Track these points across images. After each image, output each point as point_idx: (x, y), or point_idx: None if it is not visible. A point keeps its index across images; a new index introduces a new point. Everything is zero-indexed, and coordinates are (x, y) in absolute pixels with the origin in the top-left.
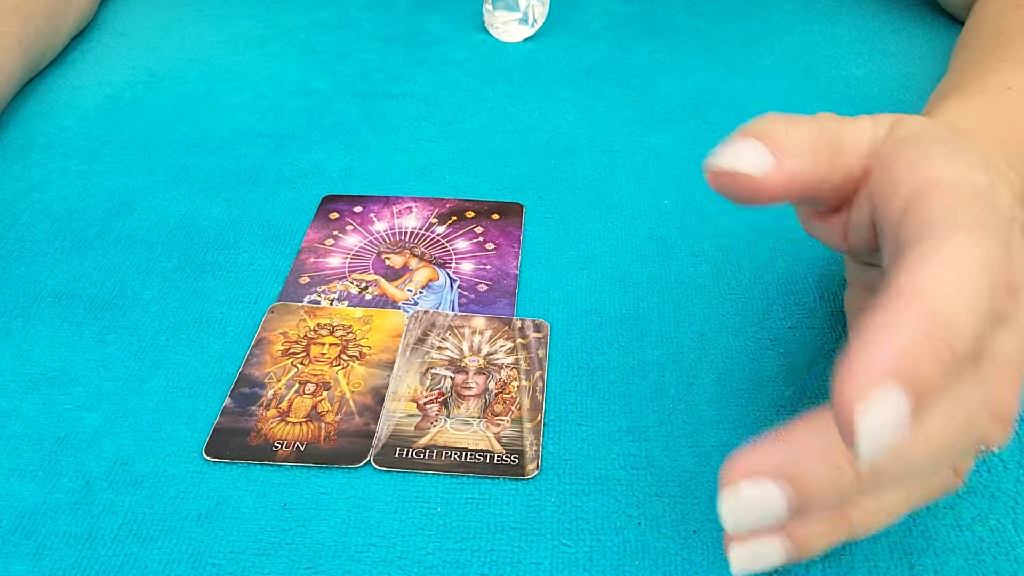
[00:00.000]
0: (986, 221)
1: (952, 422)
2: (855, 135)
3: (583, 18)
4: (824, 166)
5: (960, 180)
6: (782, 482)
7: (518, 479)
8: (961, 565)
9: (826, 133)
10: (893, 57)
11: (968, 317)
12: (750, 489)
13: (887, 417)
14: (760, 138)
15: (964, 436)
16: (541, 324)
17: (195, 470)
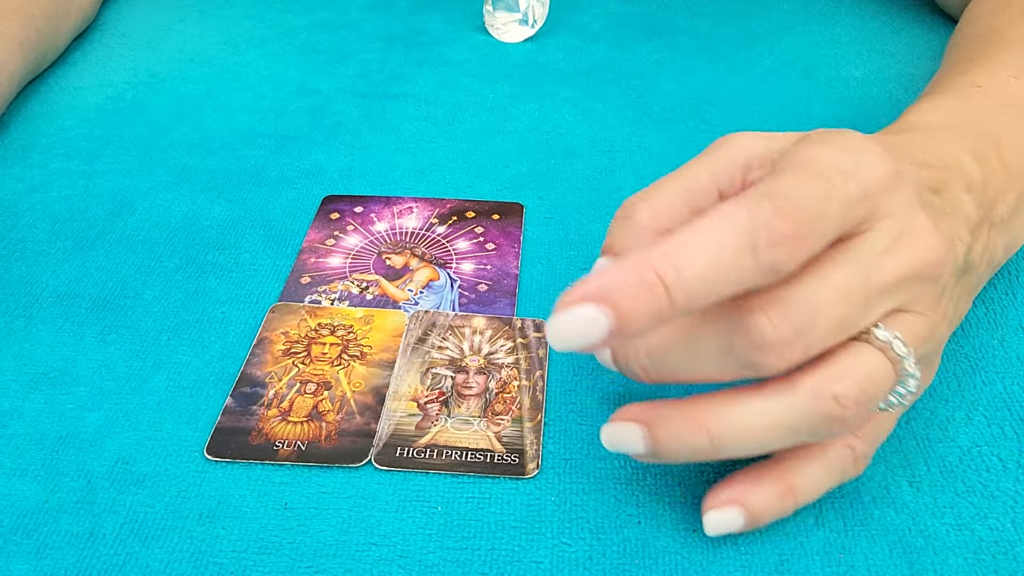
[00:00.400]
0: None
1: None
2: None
3: (583, 19)
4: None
5: (809, 159)
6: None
7: (518, 478)
8: (960, 564)
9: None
10: (892, 58)
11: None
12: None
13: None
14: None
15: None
16: (541, 324)
17: (196, 469)
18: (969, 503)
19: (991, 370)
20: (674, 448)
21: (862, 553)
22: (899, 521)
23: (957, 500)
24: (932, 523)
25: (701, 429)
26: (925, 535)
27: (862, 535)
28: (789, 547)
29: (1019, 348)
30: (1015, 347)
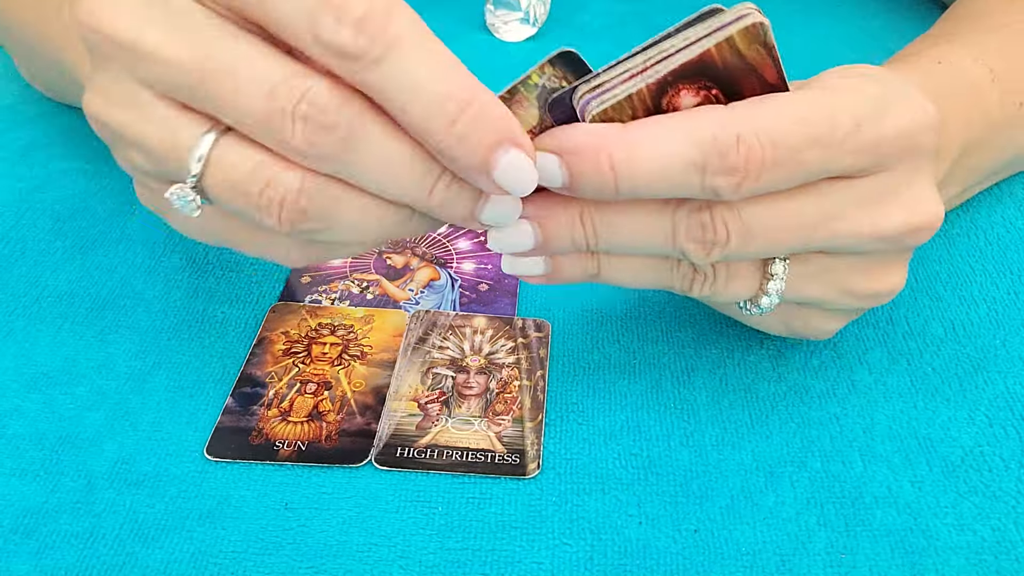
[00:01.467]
0: (770, 129)
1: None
2: None
3: (584, 18)
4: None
5: (835, 88)
6: (534, 224)
7: (519, 478)
8: (962, 564)
9: None
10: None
11: (644, 171)
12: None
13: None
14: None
15: (661, 237)
16: (542, 324)
17: (196, 469)
18: (971, 503)
19: (993, 370)
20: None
21: (864, 553)
22: (901, 521)
23: (959, 500)
24: (934, 523)
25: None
26: (927, 535)
27: (864, 535)
28: (791, 547)
29: (1021, 348)
30: (1017, 347)
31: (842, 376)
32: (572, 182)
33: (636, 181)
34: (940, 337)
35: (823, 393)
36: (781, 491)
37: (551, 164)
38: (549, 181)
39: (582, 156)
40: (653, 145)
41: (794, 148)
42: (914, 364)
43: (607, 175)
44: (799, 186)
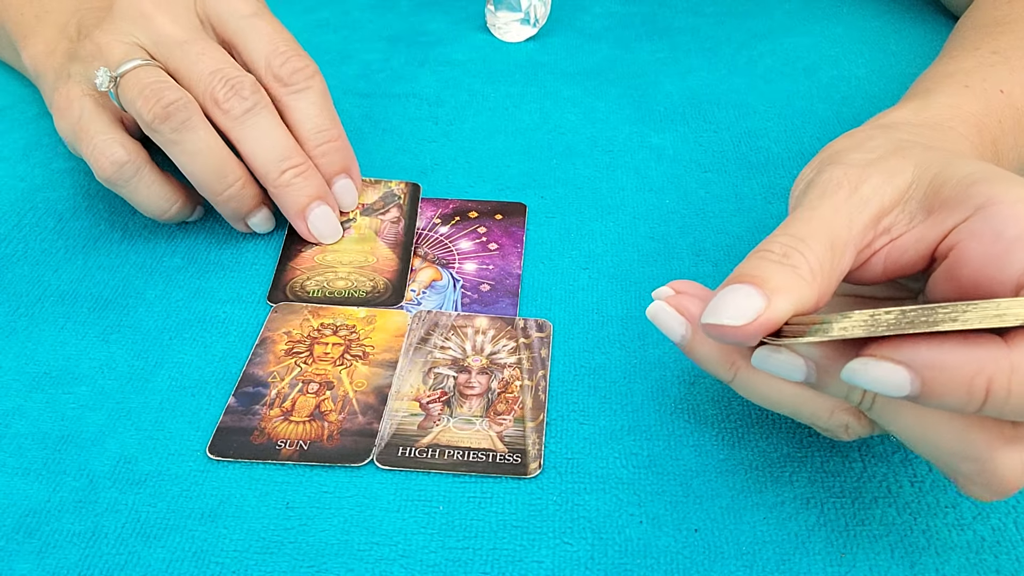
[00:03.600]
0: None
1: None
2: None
3: (584, 18)
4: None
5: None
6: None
7: (520, 478)
8: (962, 564)
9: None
10: (894, 57)
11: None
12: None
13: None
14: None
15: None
16: (544, 324)
17: (198, 469)
18: (971, 503)
19: None
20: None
21: (864, 552)
22: (901, 520)
23: (959, 499)
24: (934, 522)
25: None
26: (927, 535)
27: (864, 534)
28: (791, 546)
29: None
30: None
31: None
32: (922, 398)
33: (1008, 410)
34: None
35: None
36: (781, 490)
37: (898, 378)
38: (885, 391)
39: (950, 375)
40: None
41: None
42: None
43: (977, 398)
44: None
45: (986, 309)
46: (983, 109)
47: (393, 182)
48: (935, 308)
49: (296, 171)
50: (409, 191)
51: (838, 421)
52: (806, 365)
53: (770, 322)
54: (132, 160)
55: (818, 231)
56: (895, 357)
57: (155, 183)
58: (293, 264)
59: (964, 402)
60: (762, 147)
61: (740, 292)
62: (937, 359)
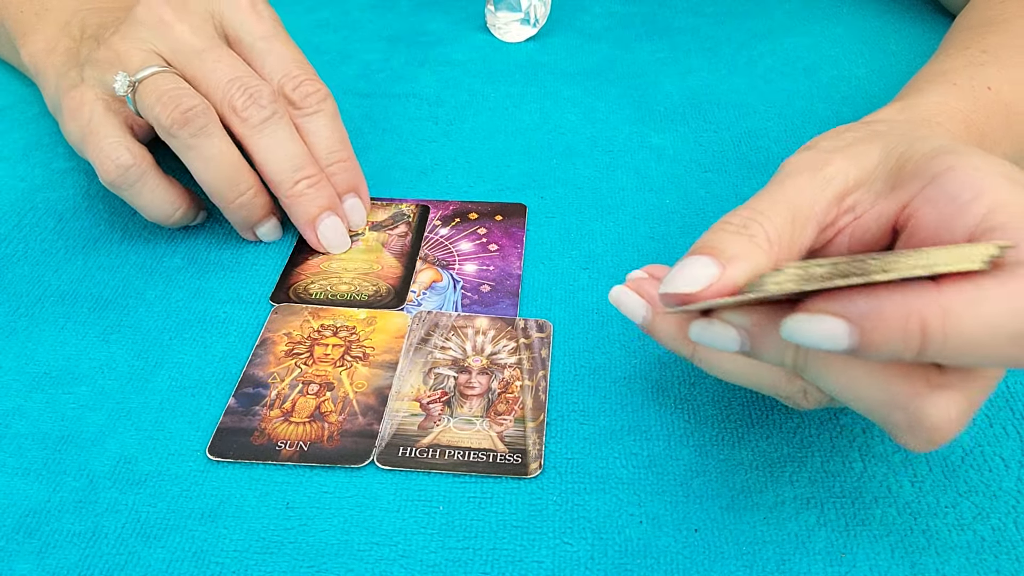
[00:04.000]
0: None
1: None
2: (805, 211)
3: (584, 18)
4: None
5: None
6: (855, 327)
7: (521, 478)
8: (962, 564)
9: (776, 241)
10: (894, 57)
11: (961, 342)
12: (824, 320)
13: (811, 328)
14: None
15: (875, 402)
16: (544, 324)
17: (198, 469)
18: (971, 503)
19: None
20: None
21: (864, 553)
22: (901, 521)
23: (959, 500)
24: (934, 523)
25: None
26: (927, 535)
27: (864, 535)
28: (791, 546)
29: None
30: None
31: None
32: (862, 349)
33: (947, 353)
34: None
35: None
36: (781, 490)
37: (838, 330)
38: (827, 346)
39: (885, 322)
40: (975, 315)
41: None
42: None
43: (913, 342)
44: None
45: (915, 258)
46: (970, 106)
47: (404, 203)
48: (865, 259)
49: (309, 181)
50: (419, 212)
51: (796, 387)
52: (738, 334)
53: (725, 288)
54: (137, 164)
55: (779, 204)
56: (831, 309)
57: (159, 188)
58: (299, 269)
59: (902, 348)
60: (762, 147)
61: (697, 262)
62: (872, 308)
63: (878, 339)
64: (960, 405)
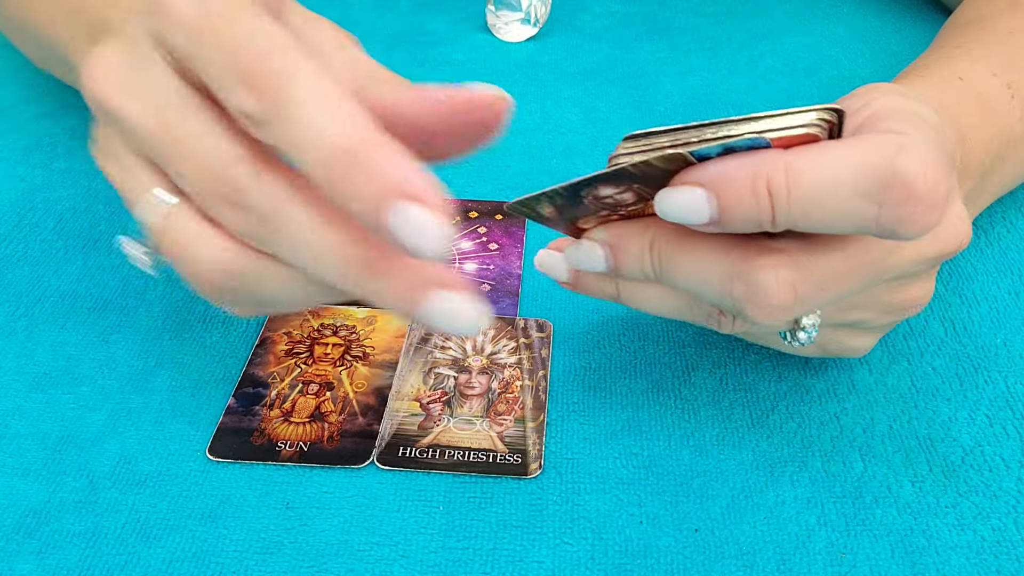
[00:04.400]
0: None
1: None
2: None
3: (585, 18)
4: None
5: (911, 109)
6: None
7: (521, 478)
8: (963, 564)
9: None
10: (895, 56)
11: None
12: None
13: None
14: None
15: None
16: (544, 324)
17: (198, 469)
18: (971, 503)
19: (993, 369)
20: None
21: (864, 553)
22: (901, 521)
23: (959, 500)
24: (934, 523)
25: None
26: (927, 535)
27: (864, 535)
28: (791, 547)
29: (1022, 348)
30: (1018, 346)
31: (842, 376)
32: (723, 216)
33: (795, 211)
34: (940, 337)
35: (823, 393)
36: (781, 490)
37: (697, 199)
38: (694, 218)
39: (735, 183)
40: (816, 169)
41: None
42: (914, 364)
43: (764, 203)
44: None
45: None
46: (940, 94)
47: None
48: (703, 128)
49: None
50: None
51: (703, 310)
52: (602, 249)
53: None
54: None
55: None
56: (687, 179)
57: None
58: None
59: (755, 211)
60: None
61: (687, 194)
62: (721, 170)
63: (732, 201)
64: (791, 268)
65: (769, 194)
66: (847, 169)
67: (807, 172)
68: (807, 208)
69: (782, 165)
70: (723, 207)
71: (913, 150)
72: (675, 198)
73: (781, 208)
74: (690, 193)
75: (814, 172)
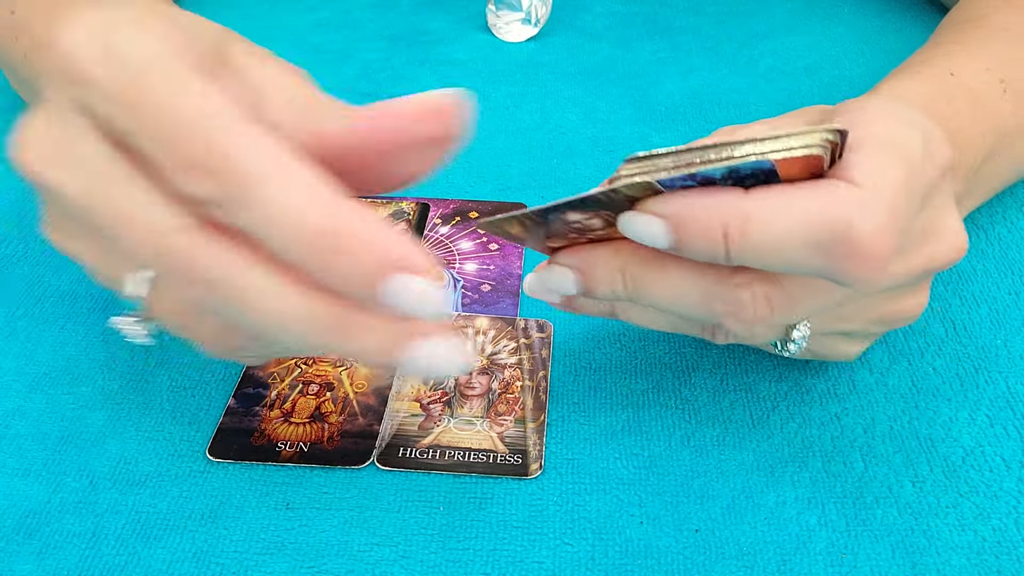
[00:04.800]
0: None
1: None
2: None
3: (585, 18)
4: None
5: (895, 140)
6: (671, 226)
7: (521, 478)
8: (963, 564)
9: None
10: (895, 56)
11: (761, 245)
12: (643, 218)
13: (636, 224)
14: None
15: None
16: (544, 324)
17: (198, 469)
18: (972, 503)
19: (994, 370)
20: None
21: (865, 553)
22: (902, 521)
23: (960, 500)
24: (935, 523)
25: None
26: (928, 535)
27: (865, 535)
28: (792, 547)
29: (1022, 348)
30: (1018, 347)
31: (843, 376)
32: (680, 245)
33: (747, 254)
34: (941, 337)
35: (824, 393)
36: (782, 491)
37: (656, 229)
38: (651, 243)
39: (694, 223)
40: (773, 220)
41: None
42: (915, 364)
43: (718, 244)
44: None
45: (751, 147)
46: (931, 90)
47: (404, 202)
48: (707, 149)
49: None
50: (419, 210)
51: (698, 324)
52: (574, 274)
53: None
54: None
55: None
56: (653, 209)
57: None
58: None
59: (711, 248)
60: None
61: (644, 222)
62: (684, 208)
63: (689, 237)
64: (766, 283)
65: (724, 238)
66: (801, 224)
67: (764, 221)
68: (759, 253)
69: (742, 214)
70: (680, 239)
71: (868, 209)
72: (637, 223)
73: (735, 250)
74: (651, 223)
75: (770, 222)
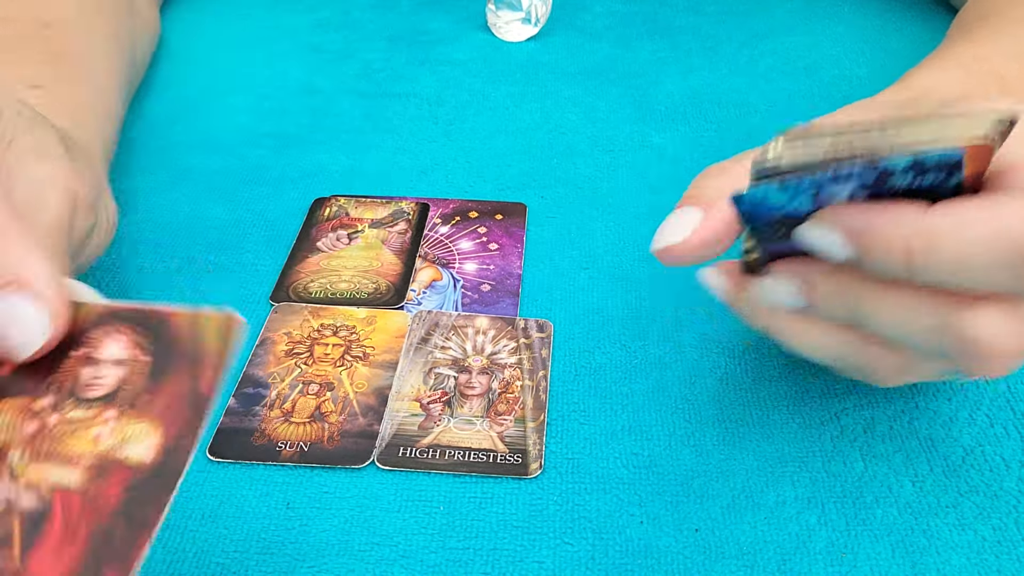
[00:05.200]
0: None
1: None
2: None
3: (585, 17)
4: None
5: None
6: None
7: (521, 478)
8: (963, 564)
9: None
10: (895, 56)
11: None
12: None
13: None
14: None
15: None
16: (544, 324)
17: (199, 469)
18: (972, 503)
19: None
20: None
21: (865, 553)
22: (902, 521)
23: (960, 500)
24: (935, 522)
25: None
26: (928, 535)
27: (865, 535)
28: (792, 546)
29: None
30: None
31: (842, 376)
32: (860, 259)
33: (930, 272)
34: None
35: (824, 392)
36: (782, 490)
37: (835, 239)
38: (832, 252)
39: (874, 239)
40: (957, 236)
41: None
42: None
43: (899, 260)
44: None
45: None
46: (962, 75)
47: (404, 201)
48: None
49: None
50: (418, 210)
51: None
52: (796, 285)
53: (708, 232)
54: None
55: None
56: (832, 220)
57: None
58: (299, 268)
59: (893, 266)
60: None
61: (677, 213)
62: (864, 225)
63: (871, 254)
64: (1004, 317)
65: (907, 256)
66: (989, 240)
67: (948, 240)
68: (945, 273)
69: (924, 230)
70: (861, 255)
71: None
72: (816, 233)
73: (919, 271)
74: (830, 235)
75: (955, 241)
